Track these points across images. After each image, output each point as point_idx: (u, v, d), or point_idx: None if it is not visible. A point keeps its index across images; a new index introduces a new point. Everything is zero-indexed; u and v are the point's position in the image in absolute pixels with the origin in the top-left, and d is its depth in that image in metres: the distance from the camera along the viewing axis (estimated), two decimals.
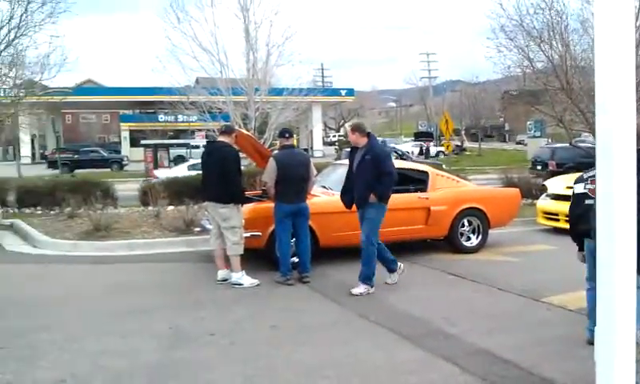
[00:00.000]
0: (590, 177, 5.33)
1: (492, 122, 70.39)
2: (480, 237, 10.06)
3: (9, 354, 5.29)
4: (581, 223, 5.30)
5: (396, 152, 29.36)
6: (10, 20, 14.57)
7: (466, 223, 9.99)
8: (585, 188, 5.41)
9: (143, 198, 14.12)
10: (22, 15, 14.60)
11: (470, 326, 6.07)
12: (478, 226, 10.04)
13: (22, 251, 10.40)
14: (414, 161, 22.81)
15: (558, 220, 11.54)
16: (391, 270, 7.89)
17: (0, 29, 14.59)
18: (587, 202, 5.23)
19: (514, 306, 6.92)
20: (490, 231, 10.22)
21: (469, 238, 10.04)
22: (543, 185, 14.20)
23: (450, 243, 9.92)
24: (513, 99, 32.88)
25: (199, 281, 8.12)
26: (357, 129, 7.72)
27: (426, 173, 10.04)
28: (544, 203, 12.45)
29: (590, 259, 5.30)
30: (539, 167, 23.17)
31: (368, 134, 7.62)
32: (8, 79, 16.27)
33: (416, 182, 9.98)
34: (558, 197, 11.84)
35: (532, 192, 15.16)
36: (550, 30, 16.40)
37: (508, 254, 9.87)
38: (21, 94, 16.75)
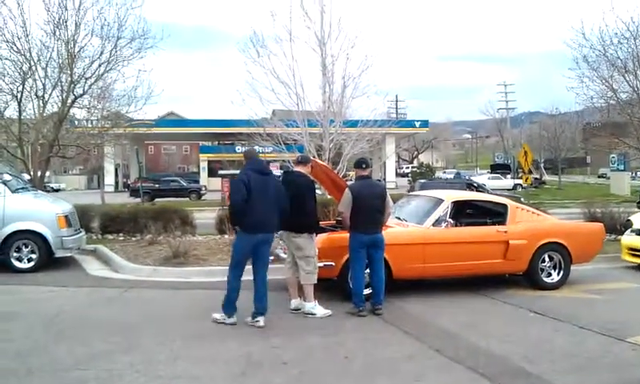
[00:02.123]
0: None
1: (572, 154, 67.91)
2: (561, 273, 9.62)
3: (88, 376, 5.45)
4: None
5: (472, 184, 28.74)
6: (100, 55, 15.41)
7: (547, 258, 9.58)
8: None
9: (219, 226, 14.41)
10: (111, 50, 15.42)
11: (551, 366, 5.84)
12: (560, 262, 9.62)
13: (104, 276, 10.77)
14: (491, 193, 22.25)
15: None
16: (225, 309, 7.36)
17: (91, 63, 15.44)
18: None
19: (597, 346, 6.60)
20: (572, 267, 9.78)
21: (549, 274, 9.63)
22: (628, 220, 13.54)
23: (530, 279, 9.55)
24: (595, 131, 31.70)
25: (273, 309, 8.09)
26: (243, 154, 7.96)
27: (504, 205, 9.75)
28: (629, 239, 11.86)
29: None
30: None
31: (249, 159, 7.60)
32: (96, 111, 17.15)
33: (494, 214, 9.72)
34: None
35: (616, 227, 14.50)
36: (635, 59, 15.84)
37: (591, 292, 9.42)
38: (107, 126, 17.59)
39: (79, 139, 17.07)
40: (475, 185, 29.20)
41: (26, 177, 15.27)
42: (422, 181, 32.51)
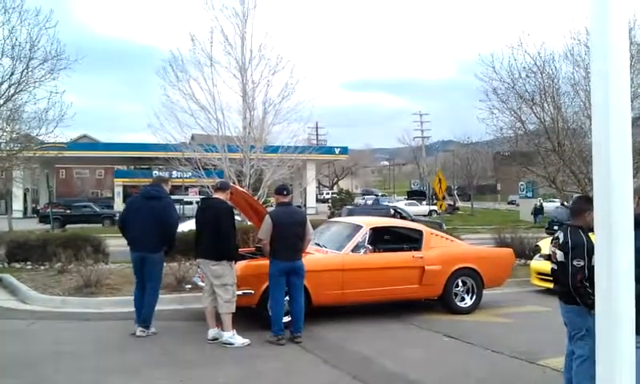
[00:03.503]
0: (554, 239, 5.31)
1: (484, 181, 70.85)
2: (474, 297, 9.94)
3: None
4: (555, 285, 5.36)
5: (396, 210, 29.24)
6: (10, 75, 14.72)
7: (460, 283, 9.89)
8: (550, 250, 5.40)
9: None
10: (22, 71, 14.77)
11: None
12: (472, 286, 9.93)
13: (10, 306, 10.16)
14: (412, 220, 22.80)
15: (552, 281, 11.44)
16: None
17: (1, 84, 14.71)
18: (552, 264, 5.27)
19: (510, 369, 6.83)
20: (484, 292, 10.12)
21: (463, 299, 9.92)
22: (537, 245, 14.17)
23: (444, 304, 9.80)
24: (505, 160, 33.11)
25: (189, 339, 7.95)
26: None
27: (420, 231, 10.01)
28: (538, 264, 12.36)
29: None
30: (556, 227, 23.07)
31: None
32: (5, 134, 16.34)
33: (410, 240, 9.95)
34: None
35: (525, 252, 15.13)
36: (541, 92, 16.63)
37: (502, 315, 9.77)
38: (16, 149, 16.77)
39: None
40: (399, 210, 29.79)
41: None
42: (349, 207, 32.91)
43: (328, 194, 76.37)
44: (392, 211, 28.35)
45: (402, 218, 24.99)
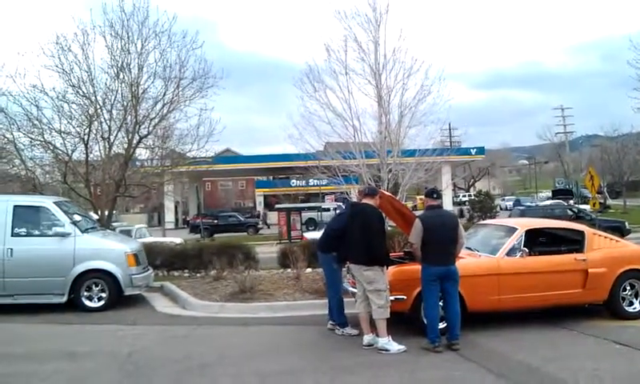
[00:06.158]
0: None
1: (636, 177, 65.16)
2: None
3: None
4: None
5: (572, 210, 27.41)
6: (163, 96, 15.71)
7: (628, 287, 9.11)
8: None
9: (282, 261, 14.38)
10: (174, 91, 15.71)
11: None
12: None
13: (173, 313, 10.80)
14: (591, 220, 21.10)
15: None
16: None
17: (155, 104, 15.75)
18: None
19: None
20: None
21: (631, 303, 9.13)
22: None
23: (611, 309, 9.08)
24: None
25: (345, 345, 7.97)
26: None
27: (581, 232, 9.33)
28: None
29: None
30: None
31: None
32: (159, 151, 17.50)
33: (570, 242, 9.32)
34: None
35: None
36: None
37: None
38: (168, 164, 17.89)
39: (143, 178, 17.40)
40: (574, 210, 27.90)
41: (95, 216, 15.60)
42: (521, 207, 31.34)
43: (464, 196, 74.41)
44: (569, 212, 26.53)
45: (578, 218, 23.53)
